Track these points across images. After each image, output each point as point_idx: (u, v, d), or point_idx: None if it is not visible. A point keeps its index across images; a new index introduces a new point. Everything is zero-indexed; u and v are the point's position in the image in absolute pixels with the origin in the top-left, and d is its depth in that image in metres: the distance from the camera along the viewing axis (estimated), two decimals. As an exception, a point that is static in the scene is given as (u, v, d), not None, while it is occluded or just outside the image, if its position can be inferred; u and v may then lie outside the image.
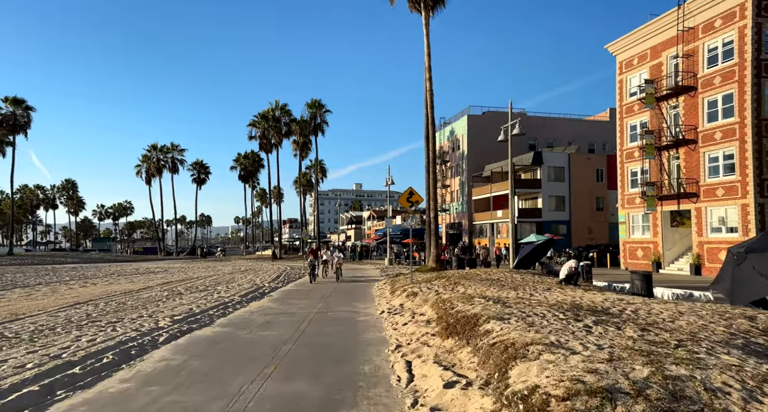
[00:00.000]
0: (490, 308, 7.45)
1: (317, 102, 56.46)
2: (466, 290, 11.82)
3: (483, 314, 6.81)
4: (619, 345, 4.78)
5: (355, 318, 10.81)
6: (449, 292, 11.83)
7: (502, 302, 8.17)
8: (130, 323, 10.01)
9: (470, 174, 53.68)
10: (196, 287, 18.50)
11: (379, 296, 15.08)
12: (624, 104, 31.35)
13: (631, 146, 30.78)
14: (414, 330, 8.40)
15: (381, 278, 22.13)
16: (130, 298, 14.93)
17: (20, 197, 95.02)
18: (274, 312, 11.83)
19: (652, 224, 29.00)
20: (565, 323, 6.12)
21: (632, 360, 4.12)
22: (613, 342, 4.94)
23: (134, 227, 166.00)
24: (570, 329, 5.71)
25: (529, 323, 6.07)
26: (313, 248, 23.70)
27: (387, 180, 36.78)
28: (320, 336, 8.73)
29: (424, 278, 16.46)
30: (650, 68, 28.86)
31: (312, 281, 19.57)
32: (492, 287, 11.83)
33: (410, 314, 10.23)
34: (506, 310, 7.13)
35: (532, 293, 10.67)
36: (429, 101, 22.30)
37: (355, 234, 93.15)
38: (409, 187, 14.70)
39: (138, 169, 63.77)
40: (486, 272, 17.52)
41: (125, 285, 20.02)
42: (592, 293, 10.69)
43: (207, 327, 9.82)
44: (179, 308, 12.35)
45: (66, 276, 26.35)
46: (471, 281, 13.59)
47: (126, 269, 34.29)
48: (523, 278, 15.50)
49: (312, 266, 20.17)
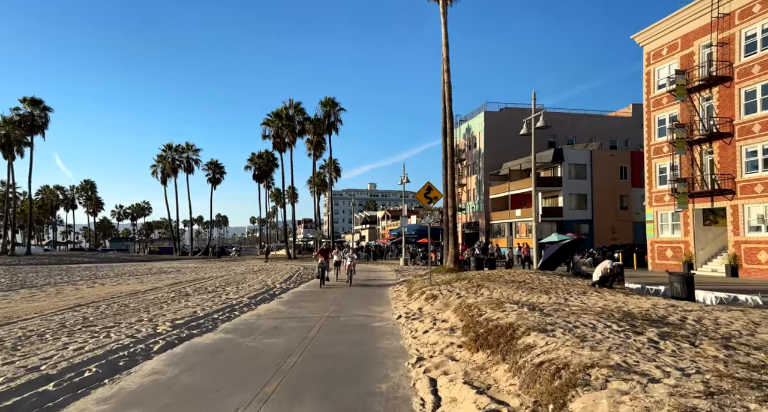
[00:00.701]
0: (527, 316, 6.43)
1: (331, 100, 55.74)
2: (492, 293, 10.79)
3: (520, 324, 5.80)
4: (707, 369, 3.74)
5: (370, 324, 9.87)
6: (472, 295, 10.82)
7: (538, 309, 7.14)
8: (126, 328, 9.23)
9: (487, 172, 52.36)
10: (205, 288, 17.79)
11: (395, 298, 14.13)
12: (652, 97, 29.84)
13: (659, 141, 29.26)
14: (437, 339, 7.42)
15: (397, 279, 21.17)
16: (135, 299, 14.24)
17: (41, 198, 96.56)
18: (282, 316, 10.97)
19: (683, 222, 27.47)
20: (623, 336, 5.08)
21: (740, 394, 3.09)
22: (697, 365, 3.90)
23: (152, 227, 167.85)
24: (632, 344, 4.68)
25: (579, 337, 5.05)
26: (323, 247, 20.47)
27: (402, 178, 35.81)
28: (331, 345, 7.82)
29: (443, 280, 15.45)
30: (681, 58, 27.34)
31: (322, 285, 17.47)
32: (520, 291, 10.77)
33: (431, 319, 9.25)
34: (547, 319, 6.10)
35: (567, 298, 9.60)
36: (447, 94, 21.28)
37: (369, 234, 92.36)
38: (427, 182, 13.73)
39: (153, 169, 63.94)
40: (509, 273, 16.42)
41: (134, 286, 19.43)
42: (635, 298, 9.57)
43: (209, 333, 8.99)
44: (183, 311, 11.57)
45: (77, 276, 25.98)
46: (495, 284, 12.53)
47: (139, 269, 33.95)
48: (551, 280, 14.38)
49: (322, 269, 18.00)
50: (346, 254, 19.90)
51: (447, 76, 21.17)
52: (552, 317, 6.23)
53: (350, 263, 18.61)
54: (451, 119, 21.69)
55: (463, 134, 57.77)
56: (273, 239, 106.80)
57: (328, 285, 18.00)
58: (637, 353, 4.33)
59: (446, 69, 21.20)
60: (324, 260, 18.31)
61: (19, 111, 49.38)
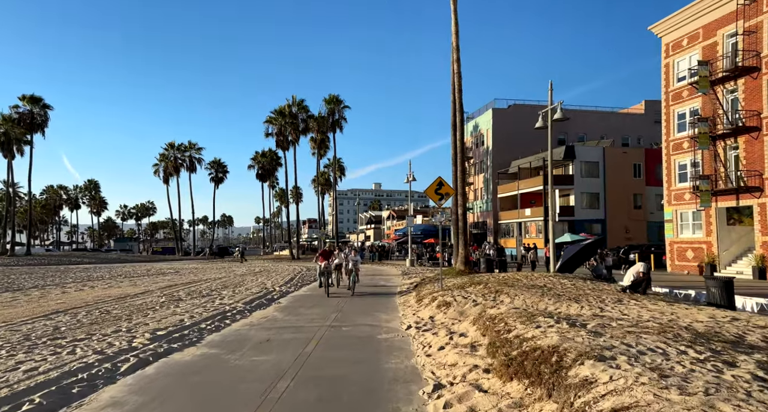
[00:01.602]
0: (571, 335, 5.21)
1: (335, 97, 54.64)
2: (513, 301, 9.57)
3: (567, 348, 4.58)
4: None
5: (376, 335, 8.69)
6: (491, 302, 9.61)
7: (580, 325, 5.91)
8: (98, 341, 8.10)
9: (495, 171, 51.03)
10: (200, 292, 16.68)
11: (403, 304, 12.93)
12: (671, 90, 28.44)
13: (679, 137, 27.86)
14: (455, 359, 6.21)
15: (404, 281, 19.96)
16: (120, 305, 13.13)
17: (45, 198, 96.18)
18: (277, 326, 9.80)
19: (705, 221, 26.07)
20: (713, 368, 3.86)
21: None
22: None
23: (157, 227, 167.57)
24: (735, 384, 3.45)
25: (653, 369, 3.83)
26: (325, 249, 16.91)
27: (408, 176, 34.61)
28: (329, 365, 6.63)
29: (455, 283, 14.24)
30: (703, 49, 25.95)
31: (328, 294, 14.60)
32: (546, 298, 9.54)
33: (446, 332, 8.04)
34: (599, 341, 4.87)
35: (602, 307, 8.35)
36: (457, 85, 20.05)
37: (374, 234, 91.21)
38: (438, 177, 12.53)
39: (156, 169, 63.06)
40: (526, 276, 15.18)
41: (125, 289, 18.35)
42: (682, 307, 8.31)
43: (191, 347, 7.84)
44: (168, 320, 10.44)
45: (70, 278, 24.98)
46: (515, 289, 11.30)
47: (137, 270, 32.96)
48: (575, 284, 13.13)
49: (325, 274, 15.12)
50: (349, 256, 16.08)
51: (457, 66, 19.94)
52: (604, 338, 5.00)
53: (352, 265, 15.19)
54: (461, 112, 20.46)
55: (470, 132, 56.45)
56: (278, 239, 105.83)
57: (332, 292, 15.16)
58: (750, 399, 3.10)
59: (456, 59, 19.97)
60: (327, 264, 15.34)
61: (18, 109, 48.68)
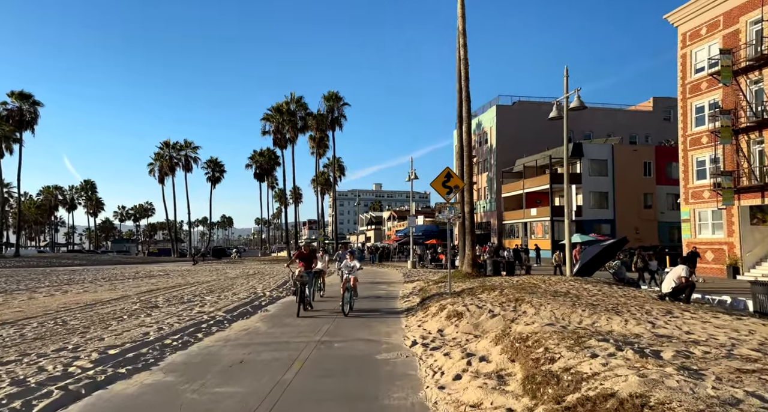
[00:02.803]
0: (653, 372, 3.62)
1: (334, 94, 53.13)
2: (539, 311, 7.99)
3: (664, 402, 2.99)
4: None
5: (374, 355, 7.12)
6: (512, 313, 8.04)
7: (652, 352, 4.33)
8: (28, 364, 6.54)
9: (499, 170, 49.48)
10: (181, 297, 15.12)
11: (405, 312, 11.36)
12: (688, 82, 26.86)
13: (697, 131, 26.27)
14: (479, 397, 4.63)
15: (405, 285, 18.40)
16: (84, 314, 11.57)
17: (41, 199, 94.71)
18: (257, 341, 8.22)
19: (726, 221, 24.47)
20: None
21: None
22: None
23: (156, 228, 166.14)
24: None
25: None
26: (303, 250, 12.04)
27: (410, 174, 33.06)
28: (313, 401, 5.07)
29: (464, 288, 12.66)
30: (723, 38, 24.38)
31: (300, 313, 10.68)
32: (579, 309, 7.95)
33: (460, 353, 6.46)
34: (706, 389, 3.28)
35: (653, 322, 6.78)
36: (464, 72, 18.50)
37: (375, 235, 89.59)
38: (446, 168, 10.96)
39: (151, 168, 61.52)
40: (543, 280, 13.60)
41: (101, 293, 16.78)
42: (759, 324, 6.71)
43: (142, 373, 6.27)
44: (131, 333, 8.89)
45: (48, 281, 23.41)
46: (536, 296, 9.71)
47: (126, 272, 31.41)
48: (601, 290, 11.55)
49: (300, 286, 10.94)
50: (343, 261, 11.79)
51: (463, 51, 18.39)
52: (709, 381, 3.41)
53: (347, 274, 10.97)
54: (468, 102, 18.91)
55: (473, 130, 54.85)
56: (278, 240, 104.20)
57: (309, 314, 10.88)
58: None
59: (463, 44, 18.43)
60: (305, 273, 11.15)
61: (6, 105, 47.20)
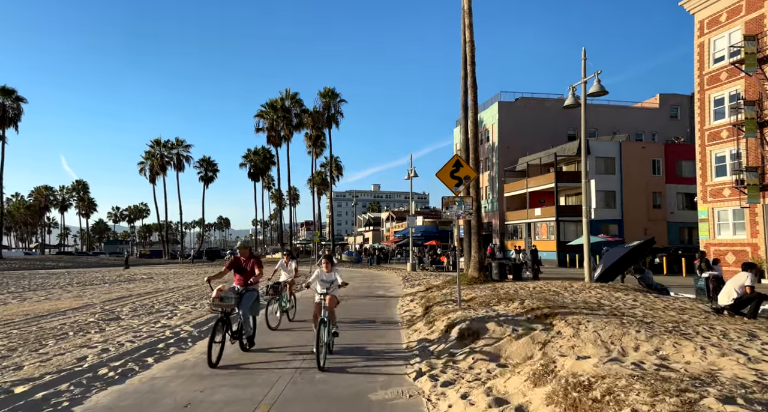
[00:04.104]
0: None
1: (331, 91, 51.37)
2: (579, 332, 6.24)
3: None
4: None
5: (367, 394, 5.35)
6: (543, 333, 6.30)
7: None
8: None
9: (501, 168, 47.76)
10: (152, 306, 13.32)
11: (407, 325, 9.57)
12: (706, 73, 25.18)
13: (716, 125, 24.59)
14: None
15: (405, 290, 16.63)
16: (23, 330, 9.76)
17: (32, 200, 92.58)
18: (219, 373, 6.41)
19: (750, 220, 22.78)
20: None
21: None
22: None
23: (151, 229, 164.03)
24: None
25: None
26: (237, 255, 7.48)
27: (409, 171, 31.32)
28: None
29: (475, 297, 10.91)
30: (745, 24, 22.72)
31: (214, 360, 6.39)
32: (629, 328, 6.19)
33: (484, 394, 4.70)
34: None
35: (743, 351, 5.01)
36: (469, 56, 16.75)
37: (373, 236, 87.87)
38: (454, 156, 9.20)
39: (141, 167, 59.65)
40: (564, 288, 11.86)
41: (63, 301, 14.95)
42: None
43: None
44: (63, 357, 7.12)
45: (14, 286, 21.51)
46: (569, 310, 7.95)
47: (107, 276, 29.56)
48: (637, 299, 9.81)
49: (222, 315, 6.64)
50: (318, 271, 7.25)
51: (469, 32, 16.66)
52: None
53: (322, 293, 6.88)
54: (474, 90, 17.17)
55: (474, 127, 53.17)
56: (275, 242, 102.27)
57: (249, 360, 6.89)
58: None
59: (468, 24, 16.69)
60: (240, 290, 7.04)
61: (-12, 101, 45.30)
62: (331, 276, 7.16)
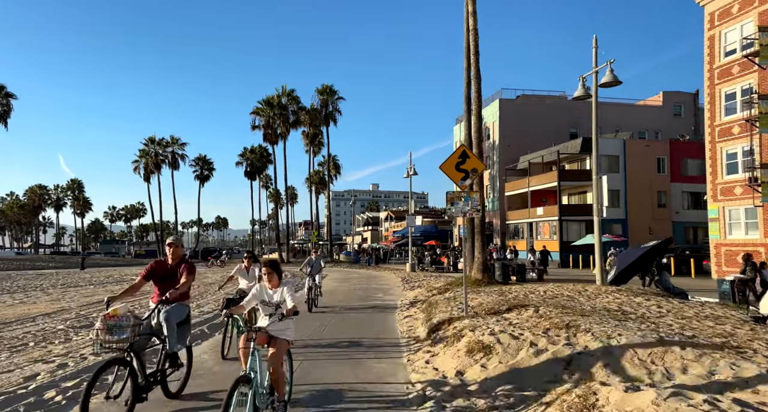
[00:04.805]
0: None
1: (328, 88, 50.40)
2: (609, 349, 5.27)
3: None
4: None
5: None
6: (567, 348, 5.36)
7: None
8: None
9: (502, 167, 46.84)
10: (133, 310, 12.31)
11: (407, 342, 8.63)
12: (716, 67, 24.28)
13: (727, 120, 23.69)
14: None
15: (405, 293, 15.69)
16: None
17: (26, 198, 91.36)
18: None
19: (763, 219, 21.89)
20: None
21: None
22: None
23: (148, 229, 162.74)
24: None
25: None
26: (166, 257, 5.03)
27: (408, 169, 30.37)
28: None
29: (482, 303, 9.97)
30: (759, 15, 21.83)
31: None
32: (672, 346, 5.23)
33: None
34: None
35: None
36: (473, 46, 15.81)
37: (371, 236, 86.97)
38: (460, 146, 8.27)
39: (135, 165, 58.59)
40: (578, 291, 10.92)
41: (38, 305, 13.96)
42: None
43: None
44: (9, 376, 6.15)
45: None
46: (591, 319, 7.01)
47: (95, 277, 28.59)
48: (660, 305, 8.88)
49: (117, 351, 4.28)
50: (257, 286, 4.44)
51: (473, 20, 15.71)
52: None
53: (261, 329, 4.01)
54: (478, 81, 16.22)
55: (474, 125, 52.25)
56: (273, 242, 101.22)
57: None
58: None
59: (472, 11, 15.75)
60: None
61: (-22, 98, 44.25)
62: (277, 296, 4.25)
